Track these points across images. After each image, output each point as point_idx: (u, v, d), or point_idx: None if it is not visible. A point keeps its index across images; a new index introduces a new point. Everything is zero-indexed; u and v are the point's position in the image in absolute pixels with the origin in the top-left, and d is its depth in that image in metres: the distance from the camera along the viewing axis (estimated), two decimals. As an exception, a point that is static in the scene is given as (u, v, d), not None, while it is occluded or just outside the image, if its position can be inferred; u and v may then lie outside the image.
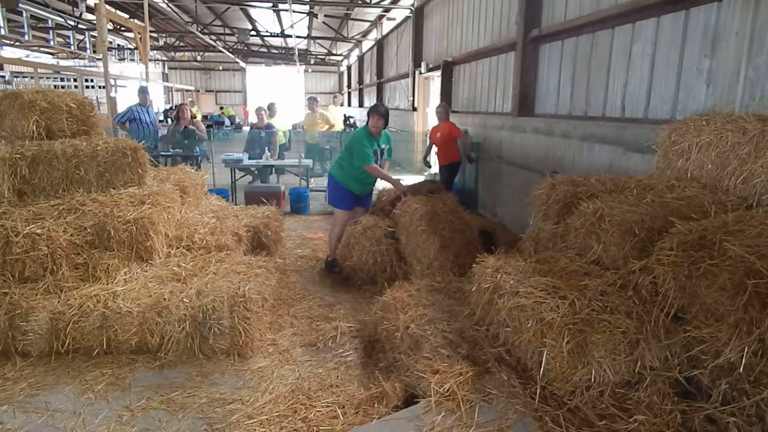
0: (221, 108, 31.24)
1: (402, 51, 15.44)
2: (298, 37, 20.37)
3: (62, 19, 15.60)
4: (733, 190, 2.87)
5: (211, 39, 21.04)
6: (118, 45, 22.67)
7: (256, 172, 9.58)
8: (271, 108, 10.61)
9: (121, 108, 8.92)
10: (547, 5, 6.36)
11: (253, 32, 21.52)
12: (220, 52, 23.64)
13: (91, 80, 20.30)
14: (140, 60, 12.75)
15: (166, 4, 15.40)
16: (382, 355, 3.46)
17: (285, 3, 13.49)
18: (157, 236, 4.06)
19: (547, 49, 6.41)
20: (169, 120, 15.88)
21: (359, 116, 22.67)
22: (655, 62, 4.42)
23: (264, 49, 27.80)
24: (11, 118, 4.42)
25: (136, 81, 18.50)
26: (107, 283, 3.68)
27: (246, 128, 17.47)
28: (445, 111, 8.14)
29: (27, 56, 19.07)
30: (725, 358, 1.97)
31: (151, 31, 15.49)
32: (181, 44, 24.64)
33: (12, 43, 16.39)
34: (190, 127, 8.75)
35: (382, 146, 5.24)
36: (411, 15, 13.41)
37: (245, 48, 27.09)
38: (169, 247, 4.30)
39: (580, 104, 5.64)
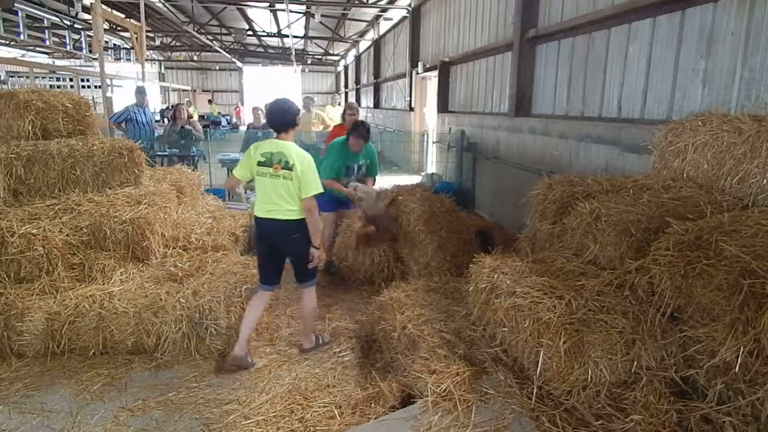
0: (209, 101, 29.96)
1: (399, 51, 15.45)
2: (295, 37, 20.34)
3: (58, 19, 15.55)
4: (729, 190, 2.88)
5: (207, 39, 21.00)
6: (115, 45, 22.60)
7: (253, 172, 9.55)
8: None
9: (117, 108, 8.89)
10: (543, 5, 6.37)
11: (250, 32, 21.48)
12: (217, 52, 23.61)
13: (87, 80, 20.28)
14: (136, 60, 12.71)
15: (163, 3, 15.34)
16: (379, 355, 3.46)
17: (282, 3, 13.46)
18: (154, 236, 4.05)
19: (543, 50, 6.42)
20: (166, 120, 15.84)
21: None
22: (651, 62, 4.44)
23: (261, 49, 27.74)
24: (7, 117, 4.40)
25: (132, 81, 18.46)
26: (103, 284, 3.67)
27: (243, 128, 17.44)
28: (357, 112, 6.54)
29: (23, 56, 18.99)
30: (721, 358, 1.97)
31: (147, 31, 15.45)
32: (178, 44, 24.57)
33: (7, 42, 16.31)
34: (187, 127, 8.73)
35: (361, 162, 5.00)
36: (408, 15, 13.42)
37: (242, 48, 27.03)
38: (165, 247, 4.28)
39: (576, 104, 5.65)
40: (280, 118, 3.33)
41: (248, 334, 3.44)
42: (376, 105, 19.34)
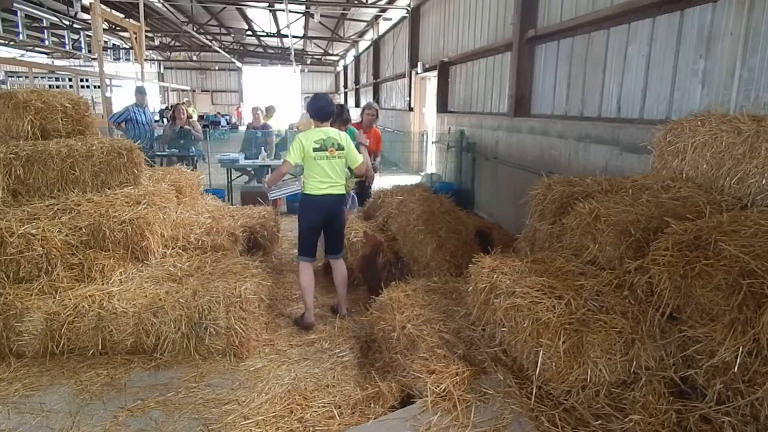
0: (186, 101, 28.35)
1: (398, 51, 15.45)
2: (294, 37, 20.34)
3: (57, 19, 15.54)
4: (728, 190, 2.88)
5: (206, 39, 20.99)
6: (114, 45, 22.60)
7: (252, 172, 9.55)
8: (269, 110, 10.63)
9: (116, 108, 8.89)
10: (543, 6, 6.38)
11: (249, 32, 21.48)
12: (216, 52, 23.59)
13: (87, 80, 20.25)
14: (136, 60, 12.71)
15: (162, 3, 15.34)
16: (378, 355, 3.46)
17: (281, 3, 13.45)
18: (153, 236, 4.05)
19: (543, 50, 6.43)
20: (165, 120, 15.83)
21: (356, 116, 22.65)
22: (650, 63, 4.44)
23: (260, 49, 27.73)
24: (6, 117, 4.39)
25: (131, 81, 18.46)
26: (102, 284, 3.67)
27: (242, 128, 17.43)
28: (377, 112, 6.35)
29: (22, 56, 18.97)
30: (720, 358, 1.97)
31: (146, 31, 15.44)
32: (177, 44, 24.56)
33: (7, 42, 16.30)
34: (186, 127, 8.73)
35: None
36: (407, 15, 13.42)
37: (241, 48, 27.02)
38: (164, 247, 4.28)
39: (576, 104, 5.65)
40: (325, 111, 4.03)
41: (311, 301, 4.14)
42: (376, 105, 19.30)
